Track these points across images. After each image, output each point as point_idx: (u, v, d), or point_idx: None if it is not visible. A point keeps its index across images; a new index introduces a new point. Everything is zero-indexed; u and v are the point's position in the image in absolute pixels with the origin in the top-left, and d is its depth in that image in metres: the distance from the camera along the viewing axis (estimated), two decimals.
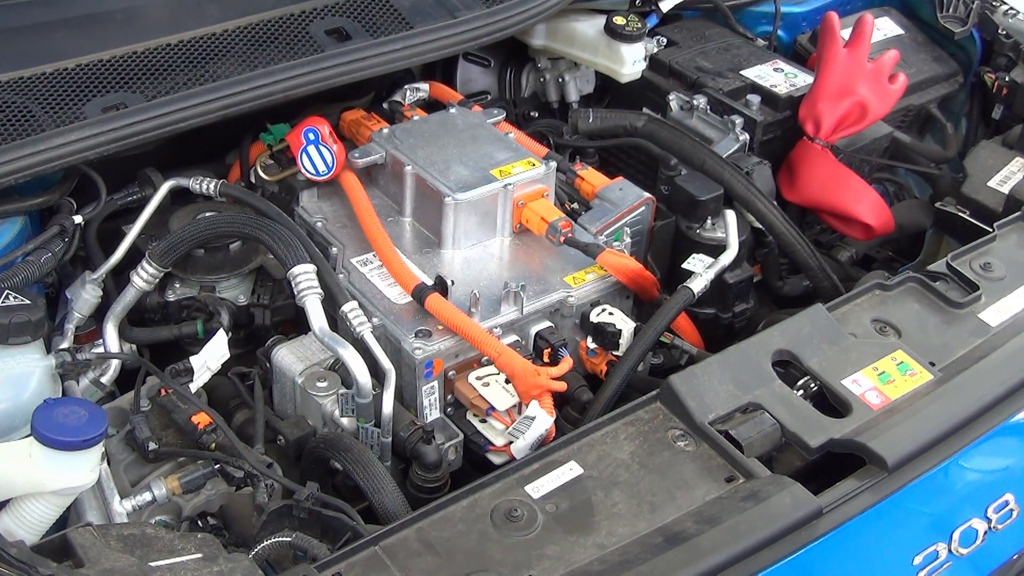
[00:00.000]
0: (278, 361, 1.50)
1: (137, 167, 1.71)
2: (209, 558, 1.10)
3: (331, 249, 1.61)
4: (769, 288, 1.87)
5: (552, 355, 1.48)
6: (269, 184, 1.75)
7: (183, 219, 1.68)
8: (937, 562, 1.26)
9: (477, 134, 1.72)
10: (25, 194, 1.53)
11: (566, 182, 1.76)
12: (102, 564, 1.05)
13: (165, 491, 1.34)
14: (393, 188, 1.69)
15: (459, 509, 1.18)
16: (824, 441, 1.25)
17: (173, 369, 1.48)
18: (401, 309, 1.51)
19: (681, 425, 1.28)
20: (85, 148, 1.46)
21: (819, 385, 1.33)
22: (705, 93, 1.94)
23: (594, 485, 1.20)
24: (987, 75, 2.19)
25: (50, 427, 1.19)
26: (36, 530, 1.24)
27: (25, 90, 1.50)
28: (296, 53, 1.65)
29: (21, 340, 1.42)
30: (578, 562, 1.11)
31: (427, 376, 1.44)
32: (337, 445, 1.36)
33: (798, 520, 1.15)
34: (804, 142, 1.90)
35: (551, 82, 2.12)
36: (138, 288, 1.56)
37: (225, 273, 1.67)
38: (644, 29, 1.95)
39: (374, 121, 1.82)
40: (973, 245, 1.57)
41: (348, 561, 1.11)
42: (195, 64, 1.60)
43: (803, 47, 2.23)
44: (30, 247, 1.50)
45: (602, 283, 1.57)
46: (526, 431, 1.36)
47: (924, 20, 2.29)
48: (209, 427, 1.37)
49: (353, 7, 1.76)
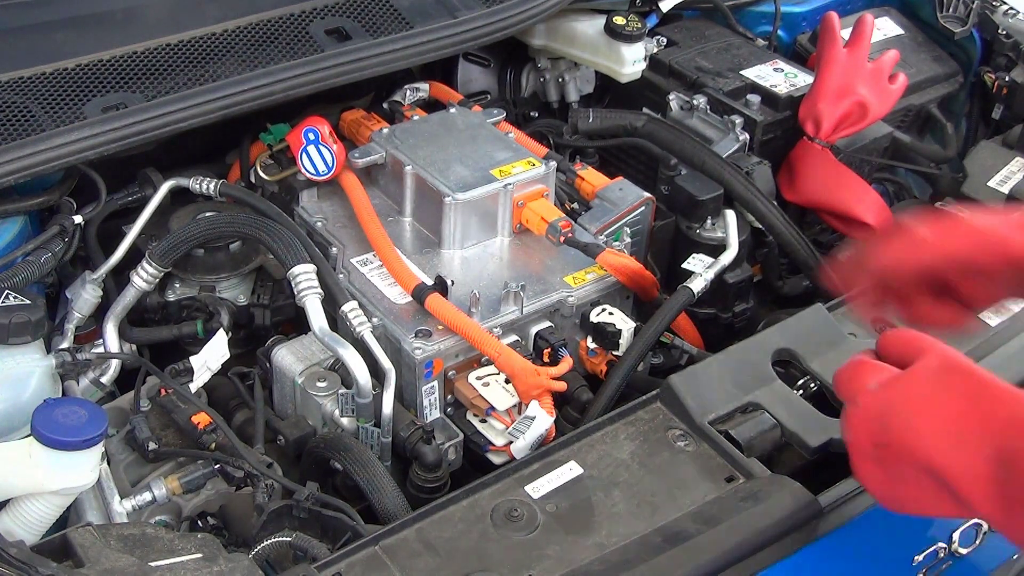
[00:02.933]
0: (278, 361, 1.50)
1: (137, 167, 1.71)
2: (209, 558, 1.10)
3: (331, 249, 1.61)
4: (769, 288, 1.87)
5: (552, 355, 1.48)
6: (269, 184, 1.75)
7: (183, 219, 1.68)
8: (937, 562, 1.25)
9: (477, 134, 1.72)
10: (25, 194, 1.53)
11: (566, 182, 1.76)
12: (102, 564, 1.05)
13: (165, 491, 1.34)
14: (393, 188, 1.69)
15: (459, 509, 1.18)
16: (824, 441, 1.25)
17: (173, 369, 1.48)
18: (401, 309, 1.51)
19: (681, 425, 1.28)
20: (85, 148, 1.46)
21: (819, 385, 1.33)
22: (705, 93, 1.94)
23: (594, 485, 1.20)
24: (987, 75, 2.19)
25: (50, 427, 1.19)
26: (36, 530, 1.24)
27: (25, 90, 1.50)
28: (296, 53, 1.65)
29: (21, 340, 1.42)
30: (578, 562, 1.11)
31: (427, 376, 1.44)
32: (337, 445, 1.36)
33: (798, 520, 1.15)
34: (804, 142, 1.90)
35: (551, 82, 2.12)
36: (138, 288, 1.56)
37: (225, 273, 1.67)
38: (644, 29, 1.95)
39: (374, 121, 1.82)
40: None
41: (348, 561, 1.11)
42: (195, 64, 1.60)
43: (803, 47, 2.23)
44: (30, 247, 1.50)
45: (602, 283, 1.57)
46: (526, 431, 1.36)
47: (924, 20, 2.29)
48: (209, 427, 1.37)
49: (353, 7, 1.76)
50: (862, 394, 1.01)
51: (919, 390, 0.98)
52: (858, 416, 1.01)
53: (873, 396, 1.00)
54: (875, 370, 1.02)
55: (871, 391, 1.01)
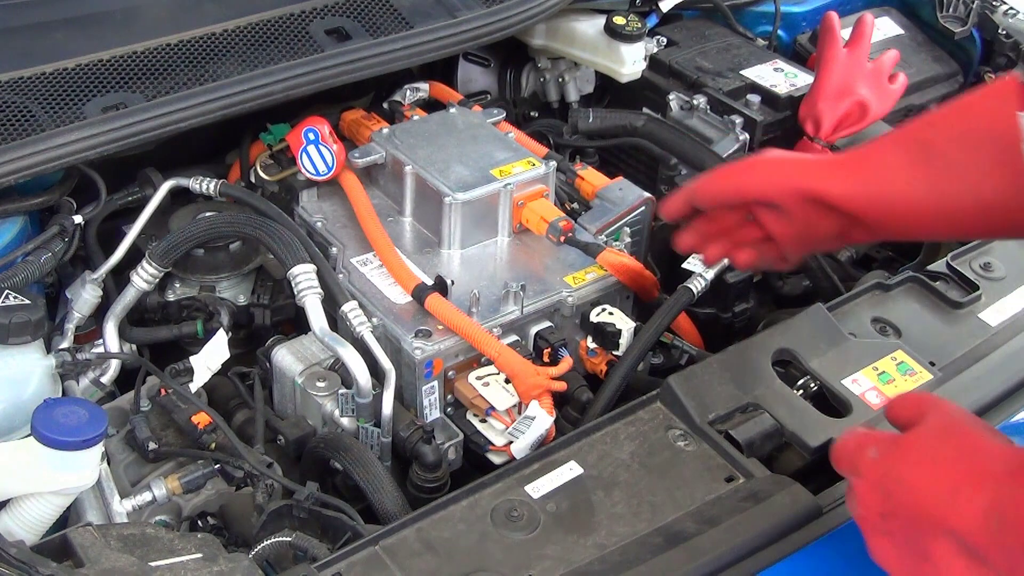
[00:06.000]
0: (278, 361, 1.50)
1: (137, 167, 1.71)
2: (209, 558, 1.10)
3: (331, 249, 1.61)
4: (769, 288, 1.87)
5: (552, 355, 1.48)
6: (269, 184, 1.75)
7: (183, 219, 1.68)
8: None
9: (477, 134, 1.72)
10: (25, 194, 1.53)
11: (566, 182, 1.76)
12: (102, 564, 1.05)
13: (165, 491, 1.34)
14: (393, 188, 1.69)
15: (459, 509, 1.18)
16: (824, 441, 1.25)
17: (173, 369, 1.48)
18: (401, 309, 1.51)
19: (681, 425, 1.28)
20: (85, 148, 1.46)
21: (819, 385, 1.33)
22: (705, 93, 1.94)
23: (594, 485, 1.20)
24: (987, 75, 2.19)
25: (50, 427, 1.19)
26: (36, 530, 1.24)
27: (25, 90, 1.50)
28: (296, 53, 1.65)
29: (21, 340, 1.42)
30: (578, 562, 1.11)
31: (427, 376, 1.44)
32: (337, 445, 1.36)
33: (798, 520, 1.15)
34: (804, 142, 1.90)
35: (551, 82, 2.12)
36: (138, 288, 1.56)
37: (225, 273, 1.67)
38: (644, 29, 1.95)
39: (374, 121, 1.82)
40: (973, 245, 1.57)
41: (348, 561, 1.11)
42: (195, 64, 1.60)
43: (803, 47, 2.23)
44: (30, 247, 1.50)
45: (602, 283, 1.57)
46: (526, 431, 1.36)
47: (924, 20, 2.29)
48: (209, 427, 1.37)
49: (353, 7, 1.76)
50: (863, 464, 1.00)
51: (918, 452, 0.97)
52: (862, 487, 1.00)
53: (874, 463, 0.99)
54: (874, 439, 1.01)
55: (872, 459, 1.00)
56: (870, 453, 1.00)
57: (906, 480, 0.96)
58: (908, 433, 1.00)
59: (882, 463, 0.99)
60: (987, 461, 0.94)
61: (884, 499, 0.97)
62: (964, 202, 1.14)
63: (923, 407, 1.02)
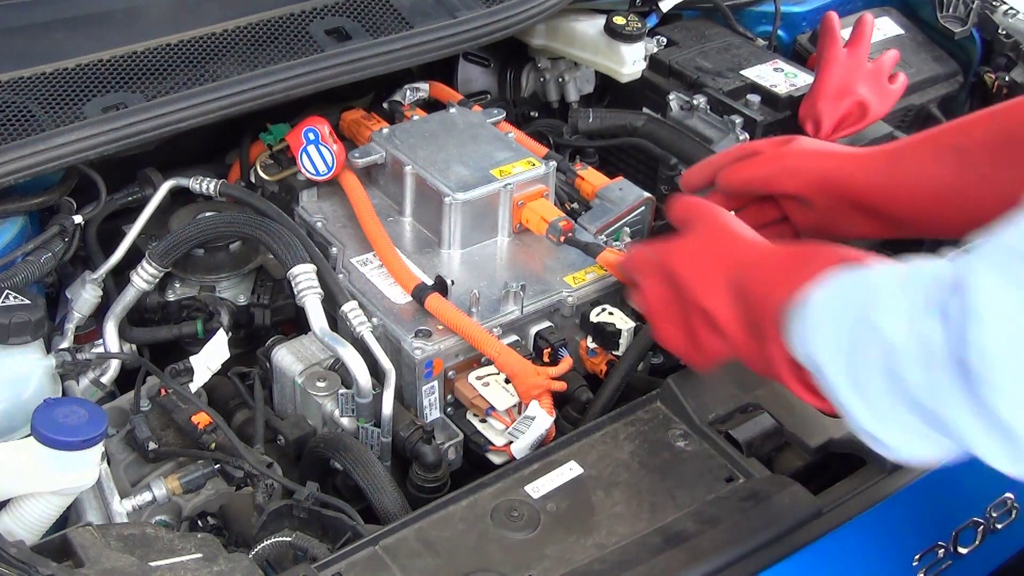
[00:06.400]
0: (278, 361, 1.50)
1: (137, 167, 1.71)
2: (209, 558, 1.10)
3: (331, 249, 1.61)
4: None
5: (552, 355, 1.48)
6: (269, 184, 1.75)
7: (183, 219, 1.68)
8: (937, 562, 1.26)
9: (477, 134, 1.72)
10: (25, 194, 1.53)
11: (566, 182, 1.76)
12: (102, 564, 1.05)
13: (165, 491, 1.34)
14: (393, 188, 1.69)
15: (459, 509, 1.18)
16: (824, 441, 1.25)
17: (173, 369, 1.48)
18: (401, 309, 1.51)
19: (681, 425, 1.28)
20: (85, 148, 1.46)
21: None
22: (705, 93, 1.94)
23: (594, 485, 1.21)
24: (987, 75, 2.19)
25: (50, 427, 1.19)
26: (36, 530, 1.24)
27: (25, 90, 1.50)
28: (296, 53, 1.65)
29: (21, 340, 1.41)
30: (578, 562, 1.11)
31: (427, 376, 1.44)
32: (337, 445, 1.36)
33: (798, 520, 1.15)
34: None
35: (551, 82, 2.12)
36: (138, 288, 1.56)
37: (225, 273, 1.67)
38: (644, 29, 1.95)
39: (374, 121, 1.82)
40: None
41: (348, 561, 1.11)
42: (195, 64, 1.60)
43: (803, 47, 2.23)
44: (30, 247, 1.50)
45: (602, 283, 1.57)
46: (526, 431, 1.36)
47: (924, 20, 2.29)
48: (209, 427, 1.37)
49: (353, 7, 1.76)
50: (644, 266, 1.19)
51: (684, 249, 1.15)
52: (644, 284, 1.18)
53: (651, 263, 1.17)
54: (651, 246, 1.19)
55: (650, 259, 1.18)
56: (649, 256, 1.18)
57: (675, 273, 1.13)
58: (678, 235, 1.17)
59: (657, 262, 1.16)
60: (739, 252, 1.10)
61: (662, 291, 1.15)
62: (989, 202, 1.16)
63: (692, 211, 1.19)
